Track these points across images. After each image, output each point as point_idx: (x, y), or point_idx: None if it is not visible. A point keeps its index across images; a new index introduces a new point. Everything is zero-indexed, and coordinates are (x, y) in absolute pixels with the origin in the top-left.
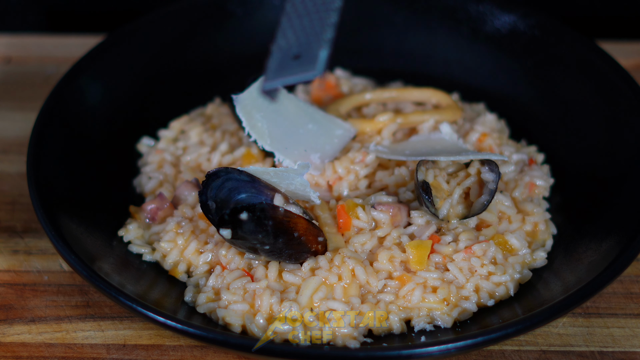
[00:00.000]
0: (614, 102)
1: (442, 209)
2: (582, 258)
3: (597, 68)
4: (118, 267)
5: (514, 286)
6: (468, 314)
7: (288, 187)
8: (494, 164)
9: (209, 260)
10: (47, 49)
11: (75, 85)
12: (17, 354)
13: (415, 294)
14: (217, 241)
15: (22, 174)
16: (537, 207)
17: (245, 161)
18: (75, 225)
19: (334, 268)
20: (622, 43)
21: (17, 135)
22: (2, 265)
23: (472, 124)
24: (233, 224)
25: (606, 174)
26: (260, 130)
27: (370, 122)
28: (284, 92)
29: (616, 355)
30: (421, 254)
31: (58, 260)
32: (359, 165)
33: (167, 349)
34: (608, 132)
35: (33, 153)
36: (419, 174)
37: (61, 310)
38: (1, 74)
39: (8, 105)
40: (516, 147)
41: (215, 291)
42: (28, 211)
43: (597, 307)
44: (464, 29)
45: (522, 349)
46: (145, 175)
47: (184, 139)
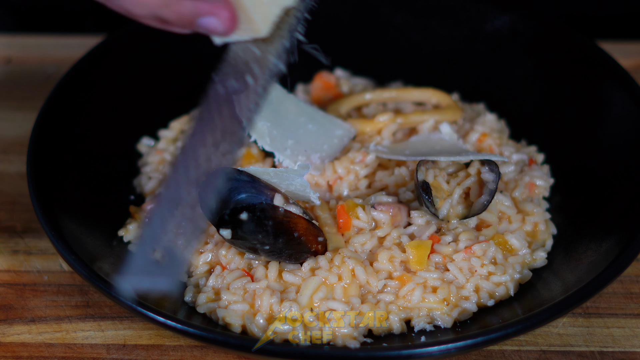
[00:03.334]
0: (614, 102)
1: (442, 209)
2: (582, 258)
3: (597, 68)
4: (118, 267)
5: (514, 286)
6: (468, 314)
7: (288, 187)
8: (494, 164)
9: (209, 260)
10: (47, 49)
11: (75, 85)
12: (17, 354)
13: (415, 294)
14: (217, 241)
15: (22, 174)
16: (537, 207)
17: (245, 161)
18: (75, 225)
19: (334, 268)
20: (622, 43)
21: (17, 135)
22: (2, 265)
23: (472, 124)
24: (233, 224)
25: (606, 174)
26: (260, 130)
27: (370, 122)
28: (284, 92)
29: (616, 355)
30: (421, 254)
31: (58, 260)
32: (359, 165)
33: (167, 349)
34: (608, 132)
35: (33, 153)
36: (419, 174)
37: (61, 310)
38: (1, 74)
39: (8, 105)
40: (516, 147)
41: (215, 291)
42: (28, 211)
43: (597, 307)
44: (464, 29)
45: (522, 349)
46: (145, 175)
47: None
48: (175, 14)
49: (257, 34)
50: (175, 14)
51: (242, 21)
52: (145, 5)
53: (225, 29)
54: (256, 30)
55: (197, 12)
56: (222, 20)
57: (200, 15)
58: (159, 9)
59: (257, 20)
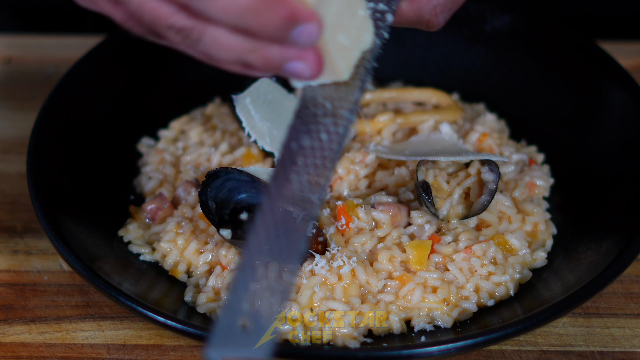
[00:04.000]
0: (613, 102)
1: (442, 209)
2: (582, 258)
3: (597, 68)
4: (118, 267)
5: (514, 286)
6: (468, 314)
7: None
8: (494, 164)
9: (209, 260)
10: (47, 49)
11: (75, 85)
12: (17, 354)
13: (415, 294)
14: (217, 241)
15: (22, 174)
16: (537, 207)
17: (245, 161)
18: (75, 225)
19: (334, 268)
20: (622, 43)
21: (17, 135)
22: (2, 265)
23: (472, 124)
24: (233, 224)
25: (606, 174)
26: (260, 130)
27: (370, 122)
28: (284, 92)
29: (616, 355)
30: (421, 254)
31: (58, 260)
32: (359, 165)
33: (167, 349)
34: (608, 132)
35: (33, 153)
36: (419, 174)
37: (61, 310)
38: (1, 74)
39: (8, 105)
40: (516, 147)
41: (215, 291)
42: (28, 211)
43: (597, 307)
44: (464, 29)
45: (522, 349)
46: (145, 175)
47: (183, 139)
48: (263, 60)
49: (339, 77)
50: (263, 59)
51: (326, 65)
52: (232, 51)
53: (312, 74)
54: (338, 74)
55: (285, 58)
56: (309, 65)
57: (288, 61)
58: (245, 54)
59: (339, 65)
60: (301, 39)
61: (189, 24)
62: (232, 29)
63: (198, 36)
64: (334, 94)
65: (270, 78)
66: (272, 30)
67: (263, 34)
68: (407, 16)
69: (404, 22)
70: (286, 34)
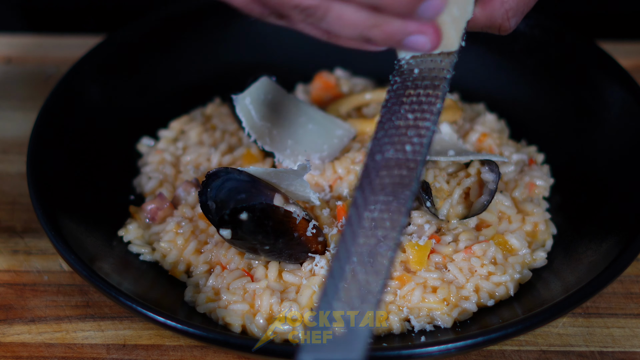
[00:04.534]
0: (613, 102)
1: (442, 209)
2: (582, 258)
3: (597, 68)
4: (118, 267)
5: (514, 286)
6: (468, 314)
7: (288, 187)
8: (494, 164)
9: (208, 260)
10: (47, 49)
11: (75, 85)
12: (17, 354)
13: (415, 294)
14: (217, 241)
15: (22, 174)
16: (537, 207)
17: (245, 161)
18: (75, 225)
19: None
20: (622, 43)
21: (17, 135)
22: (2, 265)
23: (472, 124)
24: (233, 224)
25: (606, 174)
26: (260, 130)
27: (370, 122)
28: (284, 92)
29: (616, 355)
30: (421, 254)
31: (58, 260)
32: (359, 165)
33: (167, 349)
34: (608, 132)
35: (33, 153)
36: None
37: (61, 310)
38: (1, 74)
39: (8, 105)
40: (516, 147)
41: (215, 291)
42: (28, 211)
43: (597, 307)
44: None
45: (522, 349)
46: (145, 175)
47: (183, 139)
48: (385, 34)
49: (450, 47)
50: (385, 34)
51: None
52: (355, 27)
53: (433, 46)
54: (450, 45)
55: (407, 31)
56: (430, 38)
57: (410, 34)
58: (368, 29)
59: (452, 36)
60: (427, 13)
61: (314, 2)
62: (358, 5)
63: (323, 13)
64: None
65: (270, 78)
66: (402, 5)
67: (392, 9)
68: (480, 21)
69: (476, 27)
70: (414, 8)
